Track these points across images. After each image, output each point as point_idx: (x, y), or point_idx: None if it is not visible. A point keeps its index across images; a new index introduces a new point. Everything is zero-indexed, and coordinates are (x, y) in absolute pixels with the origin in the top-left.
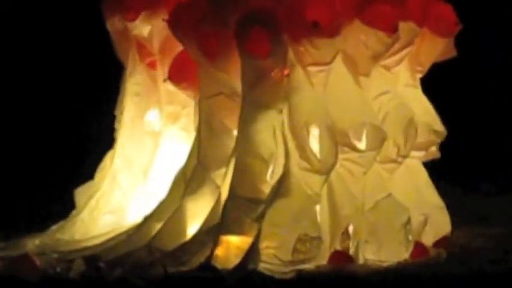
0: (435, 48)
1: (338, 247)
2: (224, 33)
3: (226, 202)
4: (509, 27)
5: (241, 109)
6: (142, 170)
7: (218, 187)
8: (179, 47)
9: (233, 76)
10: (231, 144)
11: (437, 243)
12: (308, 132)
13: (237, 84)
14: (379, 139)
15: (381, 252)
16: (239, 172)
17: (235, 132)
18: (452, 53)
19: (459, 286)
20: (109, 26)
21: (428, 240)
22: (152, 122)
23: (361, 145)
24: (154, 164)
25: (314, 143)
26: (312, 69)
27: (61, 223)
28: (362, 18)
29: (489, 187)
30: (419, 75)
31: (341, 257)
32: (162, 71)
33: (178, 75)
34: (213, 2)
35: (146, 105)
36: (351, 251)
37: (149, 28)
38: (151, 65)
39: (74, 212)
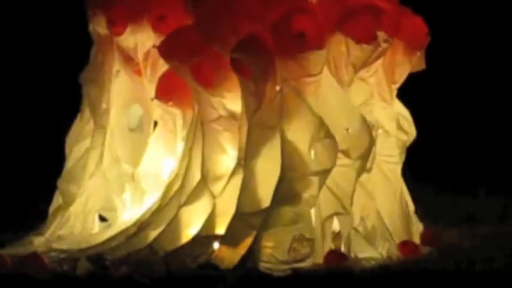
0: (408, 59)
1: (332, 246)
2: (219, 61)
3: (232, 220)
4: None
5: (247, 134)
6: (131, 168)
7: (214, 197)
8: (160, 60)
9: (229, 100)
10: (231, 161)
11: (427, 242)
12: (308, 141)
13: (234, 107)
14: (369, 145)
15: (369, 250)
16: (244, 191)
17: (234, 151)
18: (422, 65)
19: (449, 283)
20: (92, 29)
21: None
22: (139, 122)
23: (354, 153)
24: (143, 163)
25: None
26: (303, 81)
27: (55, 218)
28: (343, 31)
29: (477, 188)
30: (395, 86)
31: (336, 255)
32: (145, 80)
33: (165, 93)
34: (205, 31)
35: (131, 105)
36: (343, 249)
37: (134, 40)
38: (138, 72)
39: (62, 205)
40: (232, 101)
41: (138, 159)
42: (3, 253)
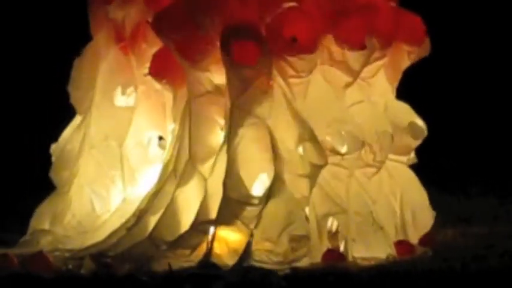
0: (406, 57)
1: (329, 246)
2: (201, 37)
3: (221, 202)
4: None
5: (230, 115)
6: (118, 144)
7: (205, 179)
8: (150, 36)
9: (216, 75)
10: (218, 138)
11: (422, 241)
12: (296, 139)
13: (221, 82)
14: (357, 144)
15: (367, 251)
16: (230, 176)
17: (221, 126)
18: (427, 52)
19: (443, 283)
20: (90, 6)
21: (413, 238)
22: (126, 97)
23: (342, 149)
24: (129, 141)
25: (301, 149)
26: (292, 81)
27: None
28: (334, 35)
29: (472, 189)
30: (395, 84)
31: (334, 255)
32: (132, 56)
33: (159, 71)
34: (191, 9)
35: (118, 82)
36: (341, 249)
37: (122, 13)
38: (123, 49)
39: (58, 193)
40: (219, 76)
41: (125, 136)
42: (10, 252)
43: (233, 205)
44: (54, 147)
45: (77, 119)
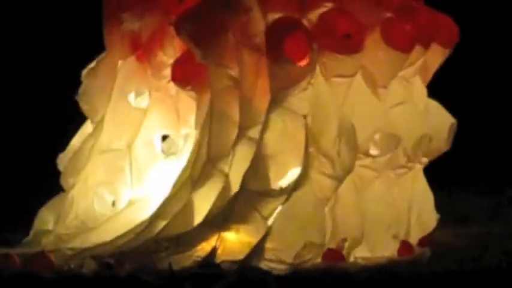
0: (439, 58)
1: (331, 246)
2: (221, 35)
3: (237, 193)
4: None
5: (267, 109)
6: (127, 145)
7: (226, 175)
8: (166, 44)
9: (232, 67)
10: (234, 131)
11: (421, 242)
12: (331, 138)
13: (237, 74)
14: (391, 145)
15: (371, 252)
16: (253, 167)
17: (236, 119)
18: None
19: (442, 282)
20: (104, 16)
21: (414, 239)
22: (138, 101)
23: (375, 151)
24: (138, 141)
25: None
26: (334, 80)
27: (59, 209)
28: (382, 36)
29: (471, 189)
30: (425, 85)
31: (334, 255)
32: (148, 64)
33: (182, 77)
34: (214, 9)
35: (132, 88)
36: (345, 251)
37: (139, 21)
38: (139, 57)
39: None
40: (236, 68)
41: (134, 138)
42: (12, 252)
43: (252, 197)
44: (61, 156)
45: (86, 128)
